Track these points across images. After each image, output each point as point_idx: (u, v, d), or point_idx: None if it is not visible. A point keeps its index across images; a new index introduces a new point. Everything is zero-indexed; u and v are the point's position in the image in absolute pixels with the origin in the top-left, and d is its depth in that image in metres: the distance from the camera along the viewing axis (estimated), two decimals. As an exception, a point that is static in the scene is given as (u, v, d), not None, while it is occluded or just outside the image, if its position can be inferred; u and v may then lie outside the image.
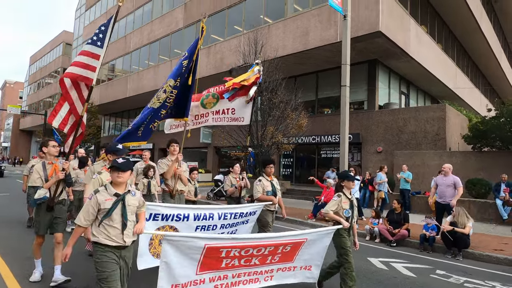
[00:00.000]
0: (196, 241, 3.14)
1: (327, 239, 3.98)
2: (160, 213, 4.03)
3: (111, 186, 2.96)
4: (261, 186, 5.11)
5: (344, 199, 4.14)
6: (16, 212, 9.43)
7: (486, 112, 14.44)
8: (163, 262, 3.09)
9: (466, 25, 19.77)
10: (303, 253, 3.83)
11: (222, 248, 3.22)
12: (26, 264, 4.85)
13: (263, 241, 3.45)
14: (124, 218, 2.91)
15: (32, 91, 55.14)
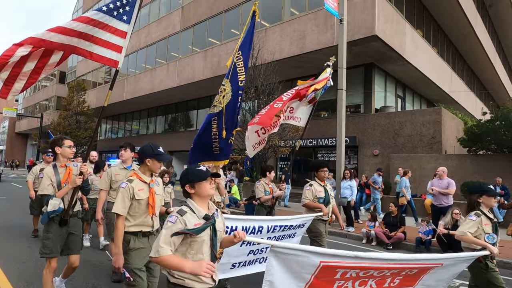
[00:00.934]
0: (310, 257, 2.52)
1: (462, 266, 3.21)
2: None
3: (197, 206, 2.15)
4: (312, 191, 4.59)
5: (484, 220, 3.44)
6: (12, 216, 9.36)
7: (481, 116, 14.55)
8: (268, 282, 2.52)
9: (461, 29, 19.96)
10: (429, 278, 3.07)
11: (339, 268, 2.59)
12: (21, 269, 4.82)
13: (393, 263, 2.73)
14: (215, 249, 2.13)
15: (28, 94, 54.87)
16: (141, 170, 3.07)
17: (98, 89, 30.19)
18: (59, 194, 3.45)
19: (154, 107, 27.90)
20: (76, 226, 3.68)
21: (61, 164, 3.61)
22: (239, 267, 3.84)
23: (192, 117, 24.95)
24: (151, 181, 3.06)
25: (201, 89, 21.05)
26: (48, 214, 3.40)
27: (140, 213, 2.97)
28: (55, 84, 44.15)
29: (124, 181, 2.97)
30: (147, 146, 3.01)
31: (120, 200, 2.85)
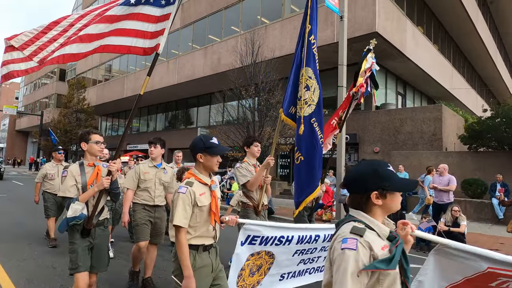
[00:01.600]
0: (478, 261, 2.18)
1: None
2: (260, 235, 3.04)
3: (377, 222, 1.49)
4: None
5: None
6: (13, 213, 9.39)
7: (482, 113, 14.52)
8: (417, 282, 2.34)
9: (462, 26, 19.88)
10: None
11: (503, 276, 2.18)
12: (21, 266, 4.83)
13: None
14: (408, 281, 1.47)
15: (28, 92, 54.87)
16: (197, 169, 2.49)
17: (98, 87, 30.15)
18: (82, 197, 2.91)
19: (154, 105, 27.87)
20: (102, 238, 3.08)
21: (89, 163, 3.08)
22: (288, 278, 3.49)
23: (192, 114, 24.93)
24: (211, 182, 2.50)
25: (201, 87, 21.01)
26: (67, 221, 2.85)
27: (202, 223, 2.41)
28: (55, 82, 44.12)
29: (182, 184, 2.39)
30: (197, 139, 2.50)
31: (181, 210, 2.29)
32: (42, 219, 8.57)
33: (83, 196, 2.92)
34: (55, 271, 4.65)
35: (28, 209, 10.36)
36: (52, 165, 6.38)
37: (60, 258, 5.25)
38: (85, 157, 3.13)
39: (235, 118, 14.35)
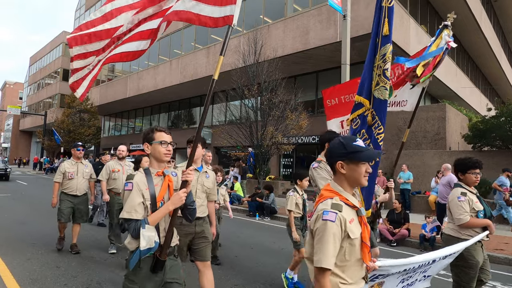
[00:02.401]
0: None
1: None
2: (387, 273, 2.37)
3: None
4: (468, 202, 3.22)
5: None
6: (17, 212, 9.43)
7: (486, 112, 14.43)
8: None
9: (466, 24, 19.75)
10: None
11: None
12: (26, 265, 4.85)
13: None
14: None
15: (32, 92, 55.15)
16: (339, 184, 1.81)
17: (101, 87, 30.24)
18: (153, 219, 2.17)
19: (157, 104, 27.94)
20: (175, 272, 2.31)
21: (157, 172, 2.32)
22: None
23: (195, 114, 24.96)
24: (360, 204, 1.85)
25: (204, 86, 21.03)
26: (140, 255, 2.12)
27: (352, 262, 1.72)
28: (59, 82, 44.32)
29: (327, 207, 1.68)
30: (335, 142, 1.84)
31: (331, 246, 1.62)
32: (45, 218, 8.62)
33: (155, 217, 2.17)
34: (59, 271, 4.67)
35: (32, 208, 10.41)
36: (71, 163, 5.74)
37: (64, 258, 5.27)
38: (151, 164, 2.39)
39: (238, 118, 14.35)
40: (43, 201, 12.35)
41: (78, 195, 5.65)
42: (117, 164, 5.99)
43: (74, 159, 5.81)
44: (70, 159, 5.87)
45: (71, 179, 5.62)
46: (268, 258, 5.84)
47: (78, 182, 5.65)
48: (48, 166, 32.20)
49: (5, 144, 64.00)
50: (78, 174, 5.68)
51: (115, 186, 5.84)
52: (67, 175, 5.61)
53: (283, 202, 13.02)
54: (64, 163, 5.80)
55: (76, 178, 5.65)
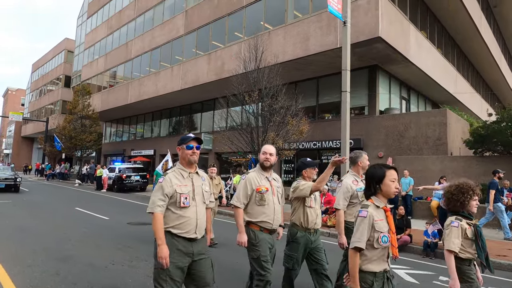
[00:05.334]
0: None
1: None
2: None
3: None
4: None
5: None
6: (18, 219, 9.42)
7: (487, 117, 14.42)
8: None
9: (465, 30, 19.84)
10: None
11: None
12: (26, 272, 4.84)
13: None
14: None
15: (34, 98, 55.40)
16: None
17: (103, 93, 30.37)
18: None
19: (158, 110, 28.01)
20: None
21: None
22: None
23: (196, 120, 25.01)
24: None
25: (205, 92, 21.10)
26: None
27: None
28: (61, 88, 44.54)
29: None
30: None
31: None
32: (46, 225, 8.61)
33: None
34: (59, 278, 4.65)
35: (33, 215, 10.41)
36: (180, 174, 2.98)
37: (64, 265, 5.25)
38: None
39: (239, 124, 14.37)
40: (44, 207, 12.34)
41: (198, 239, 2.88)
42: None
43: (185, 167, 2.93)
44: (176, 167, 2.98)
45: (185, 206, 2.83)
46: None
47: (198, 211, 2.90)
48: (49, 172, 32.23)
49: (6, 150, 64.13)
50: (196, 195, 2.91)
51: None
52: (178, 198, 2.81)
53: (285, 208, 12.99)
54: (169, 176, 2.86)
55: (194, 203, 2.88)
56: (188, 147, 2.89)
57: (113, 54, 29.65)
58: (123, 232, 8.07)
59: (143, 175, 20.79)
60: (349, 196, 3.88)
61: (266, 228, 3.46)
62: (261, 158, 3.53)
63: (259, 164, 3.56)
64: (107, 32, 31.00)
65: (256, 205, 3.42)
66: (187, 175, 2.90)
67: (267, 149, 3.55)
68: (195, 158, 2.91)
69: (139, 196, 17.91)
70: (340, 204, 3.88)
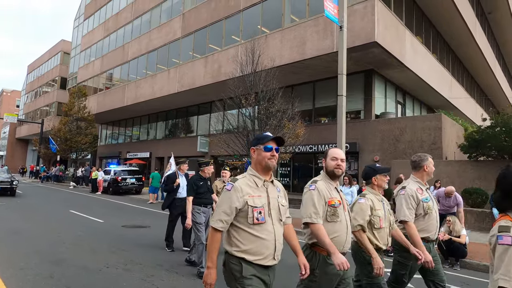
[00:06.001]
0: None
1: None
2: None
3: None
4: None
5: None
6: (11, 222, 9.33)
7: (481, 122, 14.55)
8: None
9: (460, 36, 20.05)
10: None
11: None
12: (19, 275, 4.78)
13: None
14: None
15: (29, 100, 55.07)
16: None
17: (99, 95, 30.27)
18: None
19: (154, 113, 27.95)
20: None
21: None
22: None
23: (193, 123, 24.98)
24: None
25: (202, 95, 21.10)
26: None
27: None
28: (56, 90, 44.33)
29: None
30: None
31: None
32: (39, 227, 8.53)
33: None
34: (52, 281, 4.61)
35: (27, 217, 10.31)
36: (254, 182, 2.48)
37: (58, 268, 5.21)
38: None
39: (235, 127, 14.37)
40: (38, 210, 12.23)
41: (271, 266, 2.41)
42: None
43: (260, 173, 2.37)
44: (247, 173, 2.40)
45: (259, 223, 2.25)
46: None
47: (276, 230, 2.34)
48: (44, 174, 31.99)
49: (0, 152, 63.58)
50: (271, 210, 2.32)
51: None
52: (250, 212, 2.23)
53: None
54: (240, 183, 2.29)
55: (270, 220, 2.31)
56: (266, 149, 2.33)
57: (109, 56, 29.59)
58: (117, 235, 8.01)
59: (139, 178, 20.70)
60: (414, 206, 3.33)
61: None
62: (329, 165, 2.80)
63: (326, 172, 2.84)
64: (103, 34, 30.95)
65: (327, 222, 2.68)
66: (261, 184, 2.31)
67: (337, 154, 2.82)
68: (273, 163, 2.32)
69: (134, 198, 17.82)
70: (407, 215, 3.29)
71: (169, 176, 7.04)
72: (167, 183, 6.93)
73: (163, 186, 7.24)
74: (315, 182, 2.81)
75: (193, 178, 5.64)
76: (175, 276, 5.05)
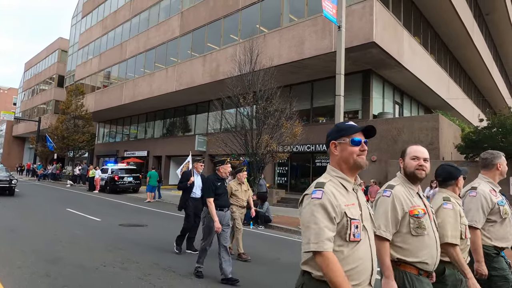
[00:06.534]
0: None
1: None
2: None
3: None
4: None
5: None
6: (7, 220, 9.29)
7: (478, 122, 14.63)
8: None
9: (458, 37, 20.13)
10: None
11: None
12: (15, 274, 4.77)
13: None
14: None
15: (26, 98, 54.81)
16: None
17: (97, 93, 30.17)
18: None
19: (152, 112, 27.90)
20: None
21: None
22: None
23: (191, 122, 24.95)
24: None
25: (200, 94, 21.08)
26: None
27: None
28: (54, 88, 44.14)
29: None
30: None
31: None
32: (36, 226, 8.50)
33: None
34: (49, 279, 4.59)
35: (23, 215, 10.27)
36: None
37: (54, 266, 5.19)
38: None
39: (233, 126, 14.38)
40: (35, 208, 12.19)
41: None
42: None
43: (347, 174, 1.83)
44: (331, 174, 1.83)
45: (355, 240, 1.70)
46: (262, 267, 5.80)
47: (372, 249, 1.81)
48: (41, 172, 31.87)
49: (-3, 150, 63.24)
50: (364, 221, 1.86)
51: None
52: (348, 226, 1.70)
53: (277, 211, 13.01)
54: (329, 187, 1.72)
55: (366, 235, 1.81)
56: (354, 142, 1.77)
57: (107, 54, 29.50)
58: (114, 234, 8.00)
59: (136, 177, 20.66)
60: (488, 210, 2.86)
61: (426, 270, 2.18)
62: (409, 166, 2.33)
63: (405, 174, 2.36)
64: (101, 32, 30.84)
65: (412, 236, 2.17)
66: (351, 188, 1.78)
67: (419, 152, 2.33)
68: (364, 160, 1.78)
69: (132, 197, 17.79)
70: (477, 220, 2.81)
71: (185, 173, 6.68)
72: (182, 180, 6.57)
73: (178, 183, 6.82)
74: (391, 187, 2.30)
75: (211, 178, 5.20)
76: (172, 274, 5.04)
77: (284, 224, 10.27)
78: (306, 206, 1.69)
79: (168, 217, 11.50)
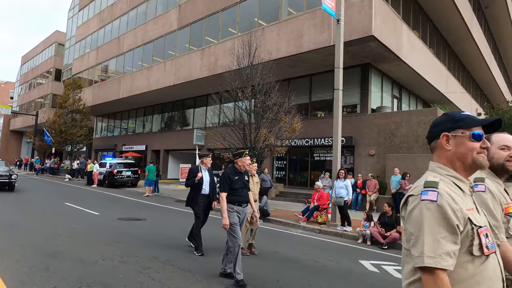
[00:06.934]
0: None
1: None
2: None
3: None
4: None
5: None
6: (6, 214, 9.30)
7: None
8: None
9: (457, 31, 20.07)
10: None
11: None
12: (14, 267, 4.78)
13: None
14: None
15: (23, 91, 54.49)
16: None
17: (94, 87, 30.02)
18: None
19: (150, 106, 27.81)
20: None
21: None
22: None
23: (189, 115, 24.90)
24: None
25: (198, 88, 21.01)
26: None
27: None
28: (51, 82, 43.87)
29: None
30: None
31: None
32: (35, 220, 8.51)
33: None
34: (48, 273, 4.61)
35: (22, 209, 10.27)
36: None
37: (53, 260, 5.21)
38: None
39: (231, 120, 14.35)
40: (33, 202, 12.20)
41: None
42: None
43: (462, 174, 1.48)
44: (442, 174, 1.45)
45: (489, 253, 1.37)
46: (260, 261, 5.84)
47: (500, 264, 1.46)
48: (39, 166, 31.82)
49: (-6, 144, 62.97)
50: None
51: None
52: (475, 236, 1.34)
53: (276, 204, 13.07)
54: (444, 188, 1.36)
55: (495, 248, 1.50)
56: (474, 137, 1.44)
57: (105, 47, 29.29)
58: (113, 228, 8.02)
59: (135, 171, 20.66)
60: None
61: None
62: (498, 157, 1.90)
63: (492, 166, 1.88)
64: (99, 25, 30.59)
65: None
66: (467, 190, 1.45)
67: (510, 141, 1.91)
68: (486, 160, 1.45)
69: (130, 191, 17.81)
70: None
71: (191, 170, 6.45)
72: (189, 177, 6.31)
73: (186, 180, 6.50)
74: (481, 181, 1.80)
75: (227, 171, 5.00)
76: (171, 268, 5.07)
77: (282, 217, 10.33)
78: (415, 210, 1.33)
79: (166, 211, 11.53)
